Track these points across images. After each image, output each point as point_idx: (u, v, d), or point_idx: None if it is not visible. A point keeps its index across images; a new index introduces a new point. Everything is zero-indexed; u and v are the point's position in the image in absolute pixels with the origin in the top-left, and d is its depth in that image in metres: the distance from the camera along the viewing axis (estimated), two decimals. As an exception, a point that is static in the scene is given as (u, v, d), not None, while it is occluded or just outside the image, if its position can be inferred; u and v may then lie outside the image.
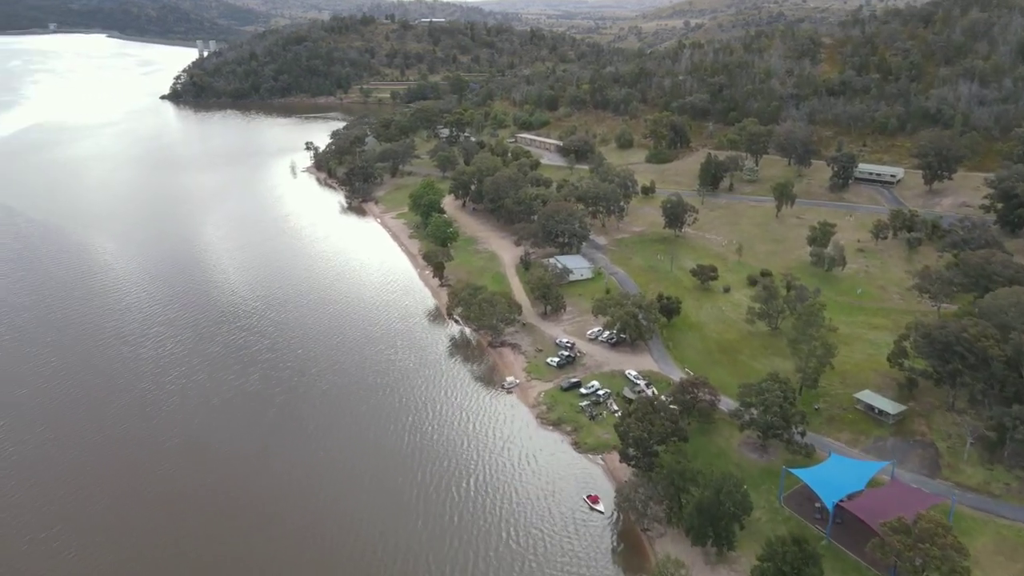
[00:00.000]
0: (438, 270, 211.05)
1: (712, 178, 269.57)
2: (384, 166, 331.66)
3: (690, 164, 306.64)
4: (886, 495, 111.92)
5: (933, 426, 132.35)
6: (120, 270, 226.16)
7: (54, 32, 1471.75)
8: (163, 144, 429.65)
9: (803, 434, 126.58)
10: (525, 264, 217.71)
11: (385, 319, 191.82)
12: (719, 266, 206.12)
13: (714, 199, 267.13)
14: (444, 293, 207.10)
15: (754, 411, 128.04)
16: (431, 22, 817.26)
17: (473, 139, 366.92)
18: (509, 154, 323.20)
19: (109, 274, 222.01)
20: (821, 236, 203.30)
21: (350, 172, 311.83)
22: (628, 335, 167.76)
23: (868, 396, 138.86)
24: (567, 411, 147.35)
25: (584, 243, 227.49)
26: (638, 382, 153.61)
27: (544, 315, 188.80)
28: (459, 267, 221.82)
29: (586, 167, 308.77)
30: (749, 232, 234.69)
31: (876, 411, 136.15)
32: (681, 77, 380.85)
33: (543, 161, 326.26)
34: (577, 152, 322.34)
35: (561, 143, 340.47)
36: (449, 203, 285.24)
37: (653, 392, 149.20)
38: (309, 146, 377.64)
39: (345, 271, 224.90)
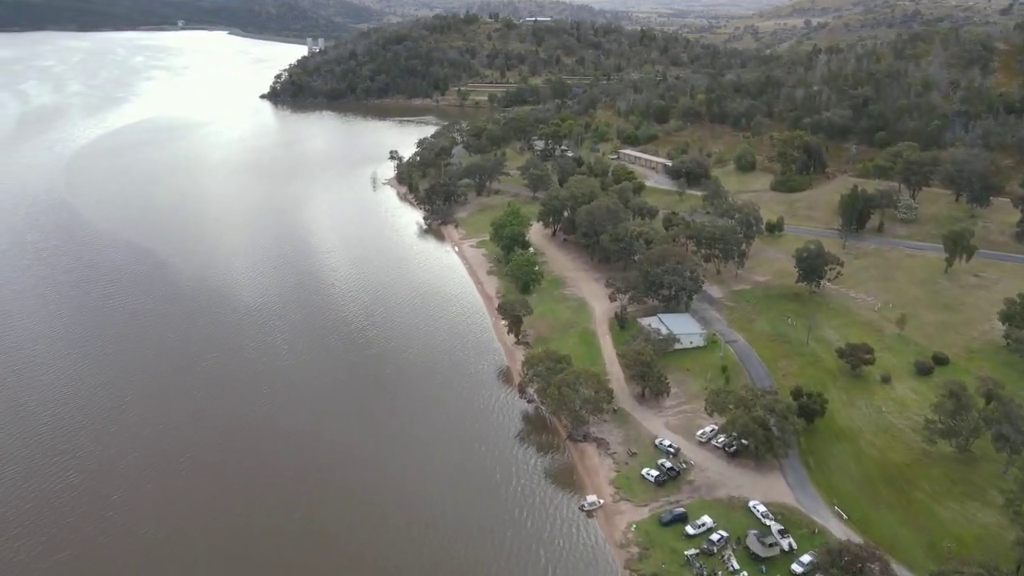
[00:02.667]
0: (515, 324, 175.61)
1: (858, 216, 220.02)
2: (469, 182, 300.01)
3: (826, 194, 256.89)
4: None
5: None
6: (163, 293, 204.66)
7: (182, 29, 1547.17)
8: (250, 148, 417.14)
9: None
10: (620, 322, 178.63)
11: (448, 391, 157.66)
12: (872, 341, 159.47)
13: (858, 243, 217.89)
14: (520, 354, 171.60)
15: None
16: (535, 21, 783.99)
17: (570, 154, 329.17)
18: (610, 174, 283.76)
19: (159, 290, 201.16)
20: (1023, 313, 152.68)
21: (431, 189, 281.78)
22: (754, 446, 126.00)
23: None
24: (667, 561, 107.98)
25: (695, 295, 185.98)
26: (767, 523, 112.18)
27: (641, 397, 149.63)
28: (541, 319, 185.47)
29: (699, 193, 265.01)
30: (909, 292, 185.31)
31: None
32: (816, 87, 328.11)
33: (648, 183, 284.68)
34: (689, 175, 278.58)
35: (670, 163, 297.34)
36: (537, 230, 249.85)
37: (791, 546, 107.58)
38: (393, 155, 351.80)
39: (408, 319, 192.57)
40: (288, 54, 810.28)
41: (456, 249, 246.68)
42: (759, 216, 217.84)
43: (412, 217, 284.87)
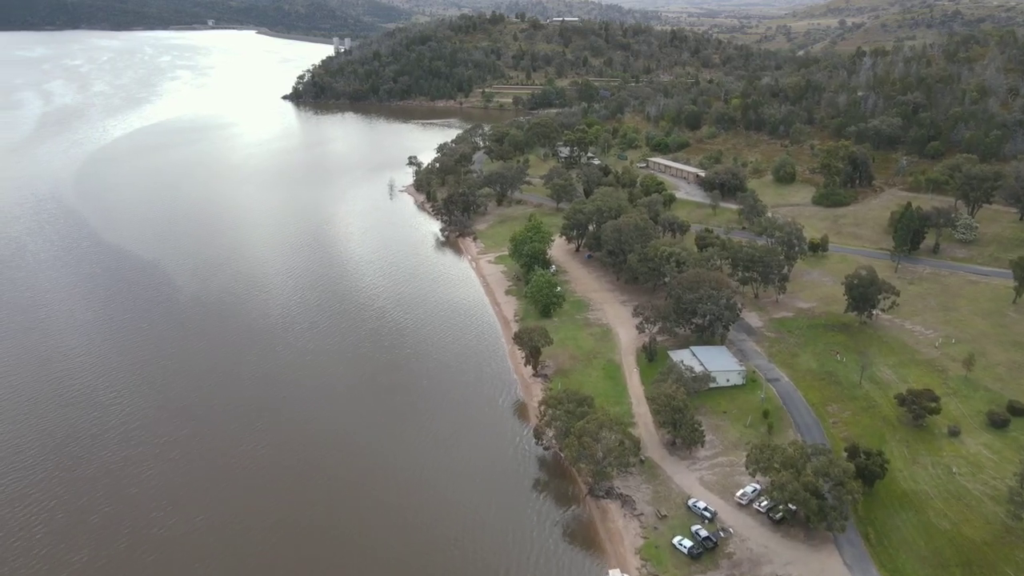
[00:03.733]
0: (532, 355, 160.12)
1: (913, 235, 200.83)
2: (490, 191, 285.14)
3: (874, 210, 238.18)
4: None
5: None
6: (164, 312, 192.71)
7: (212, 28, 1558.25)
8: (267, 151, 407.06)
9: None
10: (649, 354, 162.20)
11: (458, 429, 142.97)
12: (935, 384, 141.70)
13: (912, 265, 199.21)
14: (537, 388, 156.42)
15: None
16: (563, 21, 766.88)
17: (596, 162, 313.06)
18: (638, 185, 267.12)
19: (156, 308, 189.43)
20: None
21: (449, 199, 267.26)
22: (805, 516, 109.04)
23: None
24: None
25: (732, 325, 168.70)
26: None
27: (672, 445, 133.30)
28: (561, 348, 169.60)
29: (734, 207, 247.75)
30: (973, 325, 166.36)
31: None
32: (861, 93, 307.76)
33: (678, 195, 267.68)
34: (723, 186, 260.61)
35: (703, 173, 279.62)
36: (560, 245, 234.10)
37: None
38: (412, 161, 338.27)
39: (419, 346, 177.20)
40: (315, 54, 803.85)
41: (473, 265, 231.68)
42: (802, 235, 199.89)
43: (429, 228, 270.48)
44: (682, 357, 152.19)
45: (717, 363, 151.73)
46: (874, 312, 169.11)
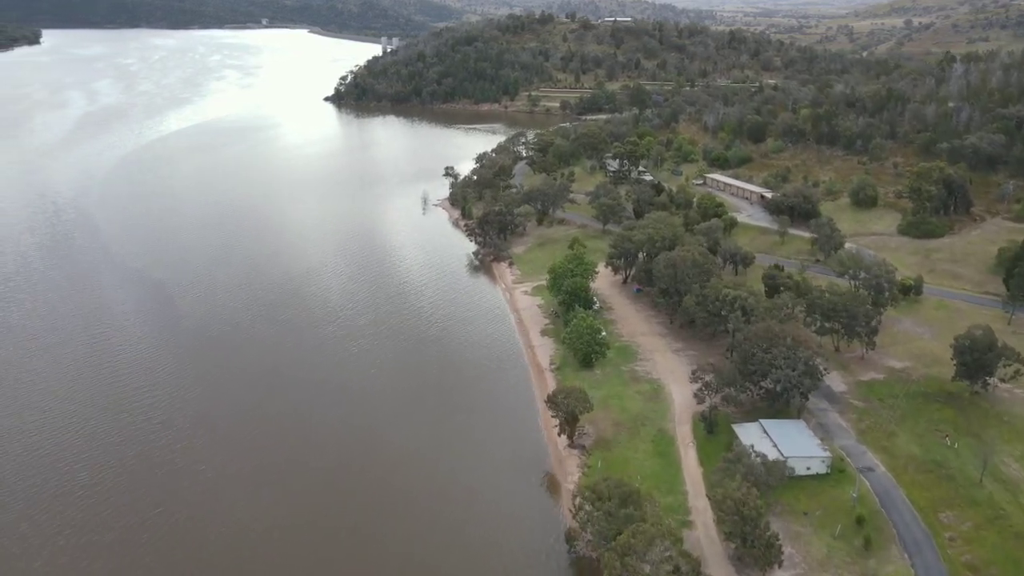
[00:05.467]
0: (568, 423, 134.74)
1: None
2: (530, 209, 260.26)
3: (974, 243, 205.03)
4: None
5: None
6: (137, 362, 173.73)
7: (265, 27, 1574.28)
8: (303, 155, 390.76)
9: None
10: (708, 425, 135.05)
11: (473, 516, 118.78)
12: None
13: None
14: (573, 462, 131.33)
15: None
16: (615, 21, 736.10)
17: (648, 177, 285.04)
18: (694, 207, 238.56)
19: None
20: None
21: (484, 219, 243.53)
22: None
23: None
24: None
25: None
26: None
27: (740, 561, 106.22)
28: (603, 408, 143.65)
29: (805, 235, 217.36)
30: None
31: None
32: (952, 104, 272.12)
33: (739, 218, 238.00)
34: (792, 210, 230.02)
35: (768, 194, 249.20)
36: (605, 275, 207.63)
37: None
38: (448, 172, 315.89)
39: (436, 403, 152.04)
40: (364, 53, 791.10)
41: (507, 296, 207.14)
42: (894, 277, 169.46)
43: (463, 248, 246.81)
44: (751, 438, 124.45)
45: (795, 445, 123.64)
46: (990, 381, 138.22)
